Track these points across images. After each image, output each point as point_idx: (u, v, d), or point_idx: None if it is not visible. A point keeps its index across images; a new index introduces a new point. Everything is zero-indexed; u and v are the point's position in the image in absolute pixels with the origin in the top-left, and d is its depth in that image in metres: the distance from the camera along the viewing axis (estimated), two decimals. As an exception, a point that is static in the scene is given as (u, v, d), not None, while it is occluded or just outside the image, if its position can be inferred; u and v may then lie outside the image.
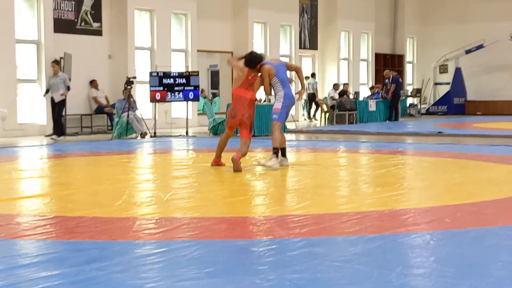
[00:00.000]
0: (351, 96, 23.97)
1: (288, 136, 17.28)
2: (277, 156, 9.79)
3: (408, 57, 32.03)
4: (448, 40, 31.01)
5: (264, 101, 19.43)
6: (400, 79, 24.51)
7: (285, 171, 9.93)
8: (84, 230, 5.74)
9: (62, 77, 16.43)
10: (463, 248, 5.08)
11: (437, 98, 30.16)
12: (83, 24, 18.91)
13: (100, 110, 19.04)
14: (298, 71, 10.46)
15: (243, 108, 10.09)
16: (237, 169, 9.62)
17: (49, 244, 5.27)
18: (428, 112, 29.35)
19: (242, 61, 10.06)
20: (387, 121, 23.69)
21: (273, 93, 10.23)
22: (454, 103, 29.22)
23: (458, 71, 29.63)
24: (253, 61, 9.95)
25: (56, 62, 16.70)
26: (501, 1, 29.78)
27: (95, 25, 19.23)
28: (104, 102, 19.13)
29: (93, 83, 19.07)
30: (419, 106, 29.19)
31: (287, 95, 9.97)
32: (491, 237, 5.49)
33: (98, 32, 19.34)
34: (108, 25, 19.57)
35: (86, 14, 18.97)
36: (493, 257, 4.78)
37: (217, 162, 10.42)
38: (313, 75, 25.71)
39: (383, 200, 7.29)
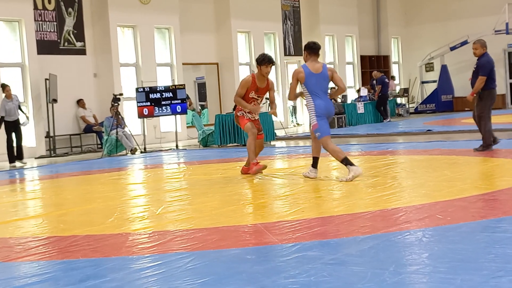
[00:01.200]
0: (339, 100, 24.02)
1: (278, 144, 17.32)
2: (351, 164, 8.95)
3: (394, 58, 32.14)
4: (432, 38, 31.13)
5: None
6: (387, 80, 24.55)
7: (277, 178, 9.93)
8: (77, 249, 5.74)
9: (16, 100, 15.71)
10: (455, 243, 5.11)
11: (425, 97, 30.24)
12: (66, 44, 18.91)
13: (88, 129, 19.02)
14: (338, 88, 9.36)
15: None
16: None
17: (43, 265, 5.26)
18: (417, 111, 29.42)
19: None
20: (384, 121, 23.73)
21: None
22: (442, 100, 29.31)
23: (444, 69, 29.73)
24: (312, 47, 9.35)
25: (3, 86, 15.82)
26: (482, -3, 29.96)
27: (79, 44, 19.23)
28: (92, 120, 19.11)
29: (80, 103, 19.05)
30: (407, 106, 29.25)
31: (318, 106, 9.13)
32: (483, 230, 5.52)
33: (82, 51, 19.34)
34: (92, 43, 19.58)
35: (69, 34, 18.97)
36: (485, 250, 4.81)
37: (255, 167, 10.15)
38: None
39: (374, 200, 7.32)
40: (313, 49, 9.38)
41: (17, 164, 15.49)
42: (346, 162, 9.00)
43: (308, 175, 9.43)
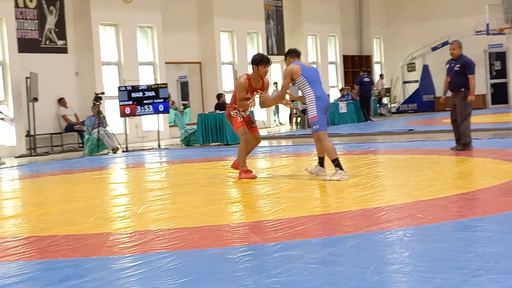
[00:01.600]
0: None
1: (261, 143, 17.30)
2: (341, 168, 8.87)
3: (376, 57, 32.22)
4: (414, 38, 31.24)
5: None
6: (366, 79, 24.49)
7: (259, 177, 9.92)
8: (57, 248, 5.70)
9: None
10: (436, 242, 5.13)
11: (407, 97, 30.36)
12: (47, 42, 18.79)
13: (70, 128, 18.91)
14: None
15: None
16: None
17: (22, 265, 5.22)
18: (399, 111, 29.52)
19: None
20: (369, 121, 23.77)
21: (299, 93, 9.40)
22: (424, 100, 29.43)
23: (425, 69, 29.85)
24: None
25: None
26: (463, -3, 30.11)
27: (60, 43, 19.12)
28: (73, 119, 19.01)
29: (61, 101, 18.94)
30: (389, 105, 29.36)
31: (318, 97, 8.96)
32: (463, 229, 5.55)
33: (64, 50, 19.22)
34: (73, 42, 19.46)
35: (50, 33, 18.85)
36: (466, 249, 4.83)
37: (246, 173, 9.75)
38: None
39: (356, 199, 7.33)
40: (297, 53, 9.38)
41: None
42: (336, 163, 8.90)
43: (316, 173, 9.28)
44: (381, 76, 30.35)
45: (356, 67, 30.56)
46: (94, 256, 5.37)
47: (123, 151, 16.98)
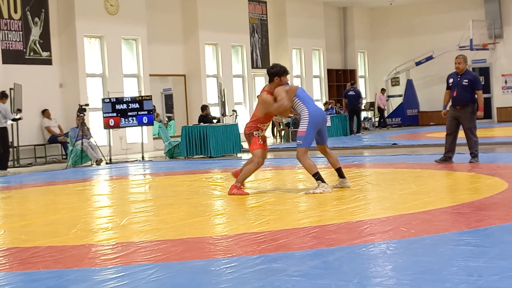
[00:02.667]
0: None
1: (245, 156, 17.32)
2: (323, 181, 8.95)
3: (360, 72, 32.35)
4: (398, 52, 31.43)
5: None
6: (351, 92, 24.56)
7: (243, 189, 9.90)
8: (39, 260, 5.66)
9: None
10: (419, 255, 5.13)
11: (391, 111, 30.51)
12: (32, 54, 18.73)
13: (53, 139, 18.83)
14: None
15: None
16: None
17: (3, 276, 5.18)
18: (383, 125, 29.65)
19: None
20: (354, 134, 23.78)
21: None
22: (407, 114, 29.59)
23: (409, 83, 30.04)
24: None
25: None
26: (447, 13, 30.30)
27: (45, 54, 19.06)
28: (57, 131, 18.93)
29: (45, 113, 18.86)
30: (373, 119, 29.49)
31: (312, 113, 9.01)
32: (446, 243, 5.56)
33: (48, 61, 19.16)
34: (58, 53, 19.41)
35: (35, 44, 18.80)
36: (448, 263, 4.84)
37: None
38: None
39: (340, 212, 7.34)
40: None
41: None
42: (317, 177, 8.97)
43: (342, 186, 9.30)
44: (383, 90, 30.08)
45: (340, 81, 30.67)
46: (76, 267, 5.34)
47: (107, 163, 16.92)
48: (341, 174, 9.38)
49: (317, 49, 29.10)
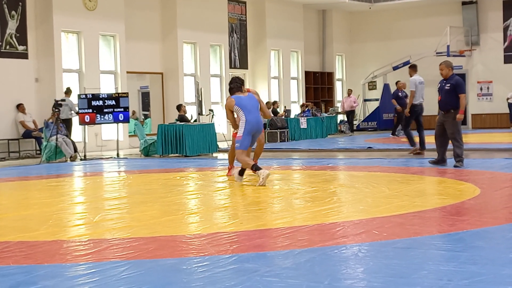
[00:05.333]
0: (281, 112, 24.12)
1: (220, 155, 17.32)
2: (259, 169, 10.03)
3: (338, 75, 32.45)
4: (376, 57, 31.58)
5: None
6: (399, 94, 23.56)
7: (218, 189, 9.93)
8: (8, 255, 5.61)
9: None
10: (390, 258, 5.16)
11: (367, 114, 30.63)
12: (8, 47, 18.56)
13: (27, 134, 18.68)
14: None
15: None
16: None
17: (-28, 270, 5.12)
18: (359, 128, 29.75)
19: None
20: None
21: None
22: (383, 118, 29.70)
23: (386, 88, 30.14)
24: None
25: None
26: (425, 18, 30.51)
27: (21, 48, 18.91)
28: (31, 126, 18.78)
29: (20, 107, 18.70)
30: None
31: (248, 122, 10.27)
32: (417, 247, 5.60)
33: (24, 55, 19.01)
34: (34, 48, 19.27)
35: (11, 37, 18.64)
36: (419, 266, 4.87)
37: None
38: None
39: (313, 214, 7.35)
40: (240, 88, 10.68)
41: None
42: (255, 168, 10.03)
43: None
44: (349, 91, 29.51)
45: (318, 83, 30.75)
46: (47, 263, 5.30)
47: (81, 159, 16.82)
48: (242, 171, 10.56)
49: (296, 51, 29.15)
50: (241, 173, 10.54)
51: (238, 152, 10.27)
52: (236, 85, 10.68)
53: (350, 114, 27.94)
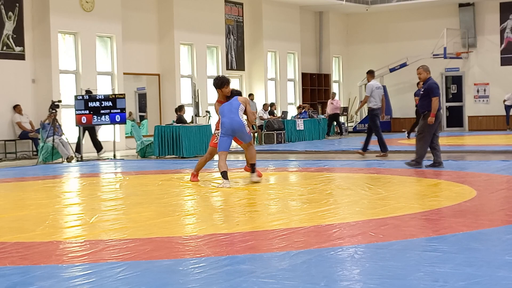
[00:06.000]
0: (278, 114, 24.12)
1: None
2: (225, 178, 10.19)
3: (334, 76, 32.47)
4: (373, 58, 31.58)
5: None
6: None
7: (214, 191, 9.93)
8: (4, 256, 5.61)
9: None
10: (386, 260, 5.17)
11: (364, 116, 30.64)
12: (5, 48, 18.54)
13: (24, 135, 18.66)
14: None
15: None
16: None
17: (-32, 271, 5.12)
18: (355, 130, 29.78)
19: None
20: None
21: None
22: (380, 120, 29.70)
23: (383, 89, 30.17)
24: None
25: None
26: (422, 21, 30.54)
27: (18, 49, 18.90)
28: (28, 127, 18.76)
29: (16, 108, 18.69)
30: (346, 124, 29.59)
31: (222, 124, 10.57)
32: (413, 248, 5.61)
33: (21, 56, 19.00)
34: (31, 49, 19.25)
35: (8, 38, 18.62)
36: (415, 268, 4.88)
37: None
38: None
39: (310, 216, 7.36)
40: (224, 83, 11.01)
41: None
42: (223, 175, 10.23)
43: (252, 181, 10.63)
44: (333, 95, 29.16)
45: (315, 85, 30.75)
46: (43, 264, 5.30)
47: (78, 161, 16.81)
48: (252, 170, 10.70)
49: (292, 52, 29.17)
50: (225, 176, 10.31)
51: (220, 153, 10.49)
52: (221, 82, 10.97)
53: (334, 117, 27.42)
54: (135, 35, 22.16)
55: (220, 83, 10.94)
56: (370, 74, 16.76)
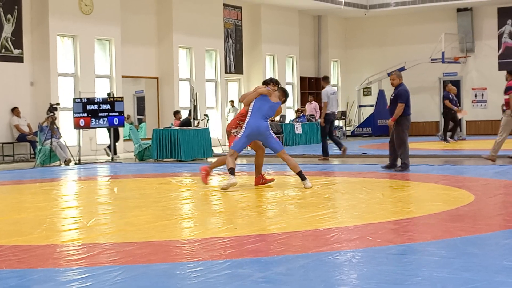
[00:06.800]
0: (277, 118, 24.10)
1: (214, 160, 17.27)
2: (233, 174, 10.13)
3: (333, 80, 32.45)
4: (371, 63, 31.62)
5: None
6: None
7: (212, 194, 9.92)
8: (2, 259, 5.59)
9: None
10: (384, 264, 5.16)
11: (362, 120, 30.66)
12: (3, 51, 18.53)
13: (22, 138, 18.64)
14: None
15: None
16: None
17: (-35, 274, 5.11)
18: (353, 134, 29.78)
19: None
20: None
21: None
22: (378, 124, 29.73)
23: (381, 94, 30.19)
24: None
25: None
26: (420, 25, 30.57)
27: (16, 51, 18.88)
28: (26, 130, 18.74)
29: (14, 111, 18.67)
30: (344, 128, 29.60)
31: (248, 125, 10.32)
32: (411, 253, 5.60)
33: (19, 59, 18.98)
34: (30, 51, 19.25)
35: (7, 41, 18.61)
36: (413, 273, 4.87)
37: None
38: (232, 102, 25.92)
39: (307, 220, 7.35)
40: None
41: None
42: (230, 172, 10.10)
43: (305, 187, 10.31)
44: (310, 98, 28.07)
45: (313, 89, 30.75)
46: (40, 267, 5.29)
47: (76, 164, 16.80)
48: (301, 177, 10.40)
49: (291, 56, 29.18)
50: (232, 173, 10.22)
51: (230, 151, 10.38)
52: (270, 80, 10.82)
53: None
54: (134, 38, 22.16)
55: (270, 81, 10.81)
56: (325, 80, 17.32)
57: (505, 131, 14.30)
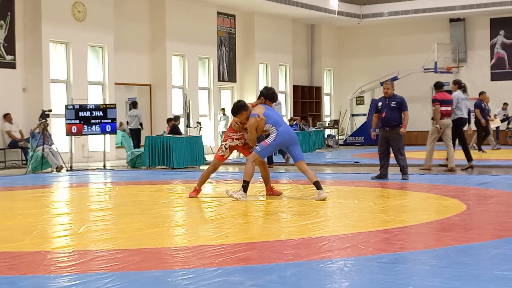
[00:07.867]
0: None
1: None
2: (245, 190, 9.73)
3: (326, 89, 32.54)
4: (364, 72, 31.70)
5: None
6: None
7: (204, 202, 9.91)
8: (-8, 265, 5.57)
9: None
10: (375, 273, 5.16)
11: (354, 129, 30.70)
12: (-4, 56, 18.52)
13: (14, 144, 18.60)
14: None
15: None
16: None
17: (-46, 280, 5.08)
18: (346, 143, 29.82)
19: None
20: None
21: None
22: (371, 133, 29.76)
23: (374, 103, 30.26)
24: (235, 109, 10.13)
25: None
26: (413, 34, 30.69)
27: (9, 57, 18.86)
28: (18, 136, 18.70)
29: (6, 117, 18.63)
30: (336, 137, 29.64)
31: (280, 133, 9.86)
32: (403, 262, 5.60)
33: (12, 65, 18.95)
34: (22, 57, 19.22)
35: (-1, 47, 18.60)
36: (404, 282, 4.87)
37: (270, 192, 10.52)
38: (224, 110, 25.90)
39: (299, 228, 7.35)
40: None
41: None
42: (244, 185, 9.75)
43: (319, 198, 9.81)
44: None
45: (306, 97, 30.81)
46: (31, 274, 5.26)
47: (67, 170, 16.76)
48: (318, 186, 9.94)
49: (284, 64, 29.23)
50: (245, 188, 9.81)
51: (253, 155, 9.80)
52: (240, 105, 10.18)
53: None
54: (127, 45, 22.16)
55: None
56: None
57: (432, 139, 15.07)
